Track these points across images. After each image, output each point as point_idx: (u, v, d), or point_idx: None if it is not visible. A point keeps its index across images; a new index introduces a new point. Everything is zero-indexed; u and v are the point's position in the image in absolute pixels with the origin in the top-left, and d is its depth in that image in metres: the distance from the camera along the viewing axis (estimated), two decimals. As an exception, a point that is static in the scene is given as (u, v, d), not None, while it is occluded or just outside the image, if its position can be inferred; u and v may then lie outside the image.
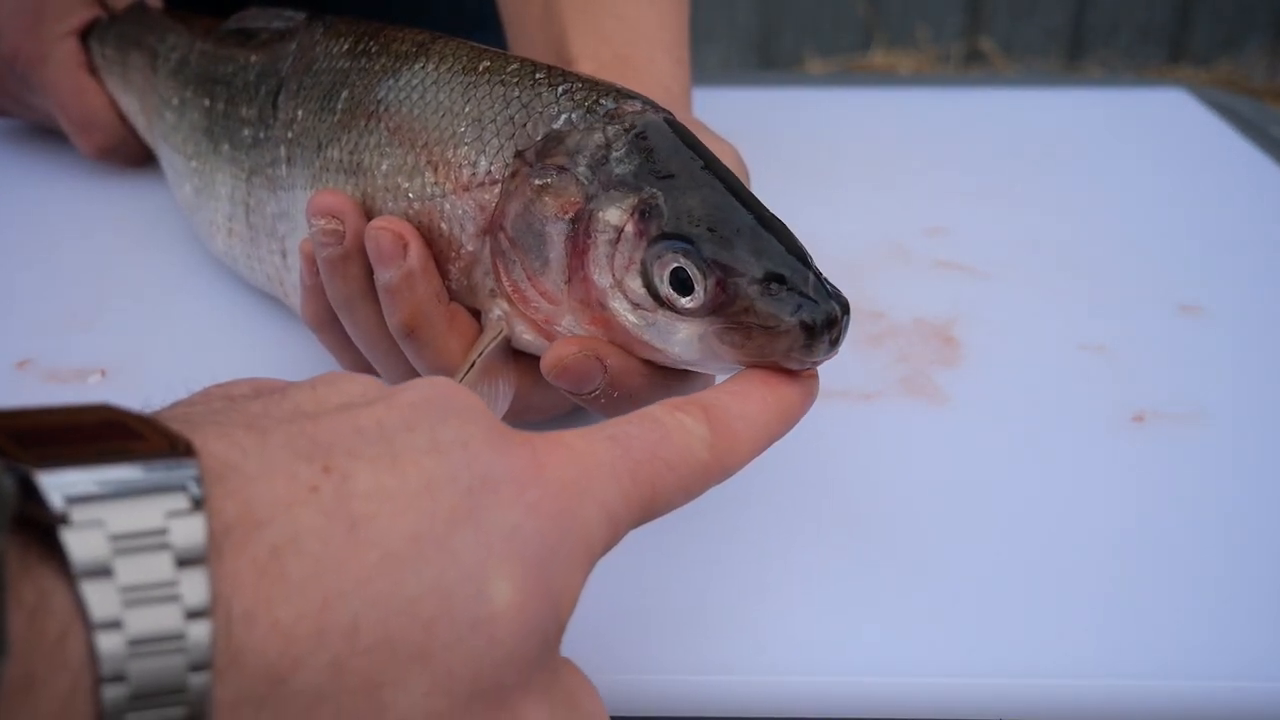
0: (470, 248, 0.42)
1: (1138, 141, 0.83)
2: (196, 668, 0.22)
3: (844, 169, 0.77)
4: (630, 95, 0.42)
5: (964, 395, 0.52)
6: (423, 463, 0.27)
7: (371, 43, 0.48)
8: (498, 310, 0.42)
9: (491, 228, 0.42)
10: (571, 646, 0.39)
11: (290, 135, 0.50)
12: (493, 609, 0.26)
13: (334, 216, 0.43)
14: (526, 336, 0.42)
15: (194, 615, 0.22)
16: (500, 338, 0.42)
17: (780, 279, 0.37)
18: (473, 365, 0.42)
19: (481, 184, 0.42)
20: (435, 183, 0.43)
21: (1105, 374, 0.54)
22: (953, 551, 0.43)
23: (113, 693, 0.22)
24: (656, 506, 0.31)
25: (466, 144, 0.43)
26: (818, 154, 0.79)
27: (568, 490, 0.28)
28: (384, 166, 0.45)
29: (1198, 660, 0.38)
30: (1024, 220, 0.70)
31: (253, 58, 0.55)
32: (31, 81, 0.71)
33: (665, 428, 0.32)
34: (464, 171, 0.42)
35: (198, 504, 0.23)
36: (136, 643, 0.22)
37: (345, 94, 0.47)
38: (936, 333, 0.57)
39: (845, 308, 0.37)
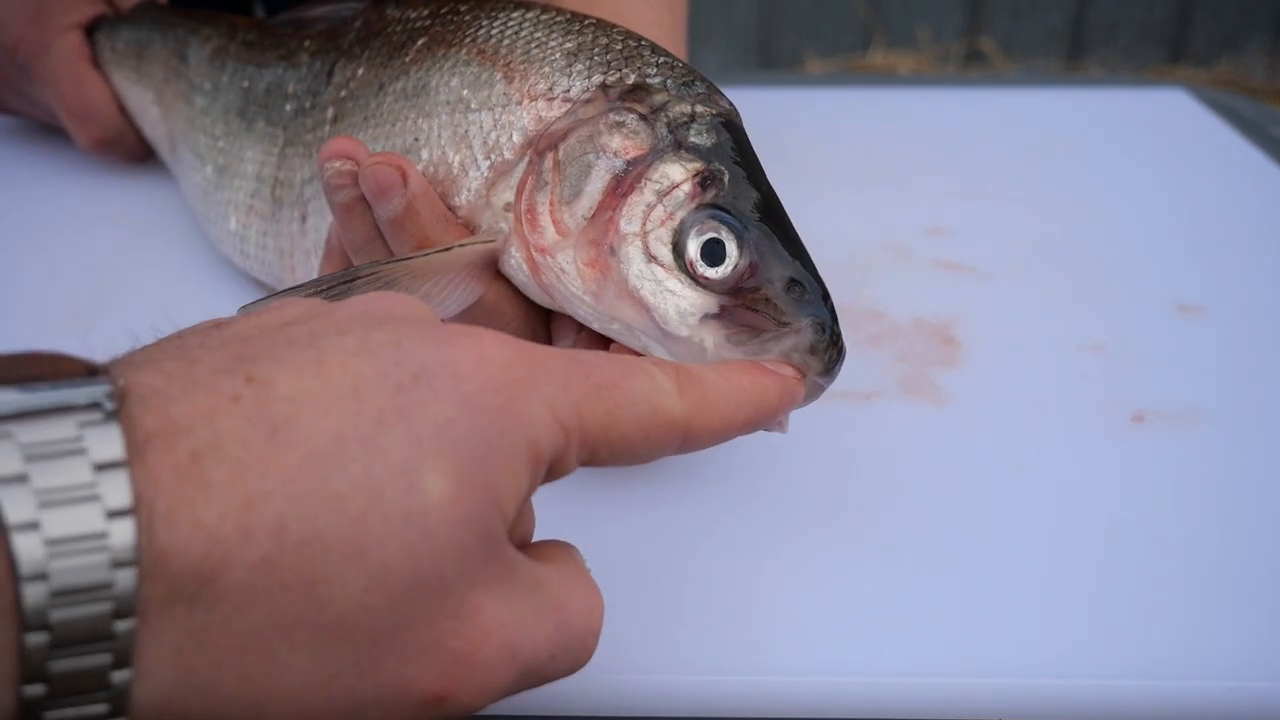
0: (509, 156, 0.43)
1: (1138, 141, 0.83)
2: (120, 564, 0.23)
3: (844, 169, 0.77)
4: (721, 92, 0.44)
5: (964, 395, 0.52)
6: (350, 364, 0.27)
7: (460, 4, 0.49)
8: (503, 224, 0.43)
9: (541, 145, 0.42)
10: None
11: (343, 95, 0.51)
12: (425, 502, 0.26)
13: (347, 158, 0.43)
14: (513, 260, 0.43)
15: (115, 515, 0.23)
16: (490, 245, 0.43)
17: (803, 287, 0.39)
18: (449, 250, 0.42)
19: (552, 99, 0.43)
20: (505, 92, 0.44)
21: (1105, 374, 0.54)
22: (952, 551, 0.43)
23: (33, 591, 0.22)
24: (613, 439, 0.30)
25: (552, 64, 0.44)
26: (818, 154, 0.79)
27: (511, 385, 0.28)
28: (453, 82, 0.46)
29: (1197, 660, 0.38)
30: (1024, 220, 0.70)
31: (306, 42, 0.56)
32: (33, 72, 0.71)
33: (631, 368, 0.31)
34: (540, 84, 0.43)
35: (110, 416, 0.24)
36: (55, 542, 0.22)
37: (423, 40, 0.48)
38: (936, 333, 0.57)
39: (843, 350, 0.39)
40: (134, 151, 0.72)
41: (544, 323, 0.45)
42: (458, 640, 0.27)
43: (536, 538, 0.33)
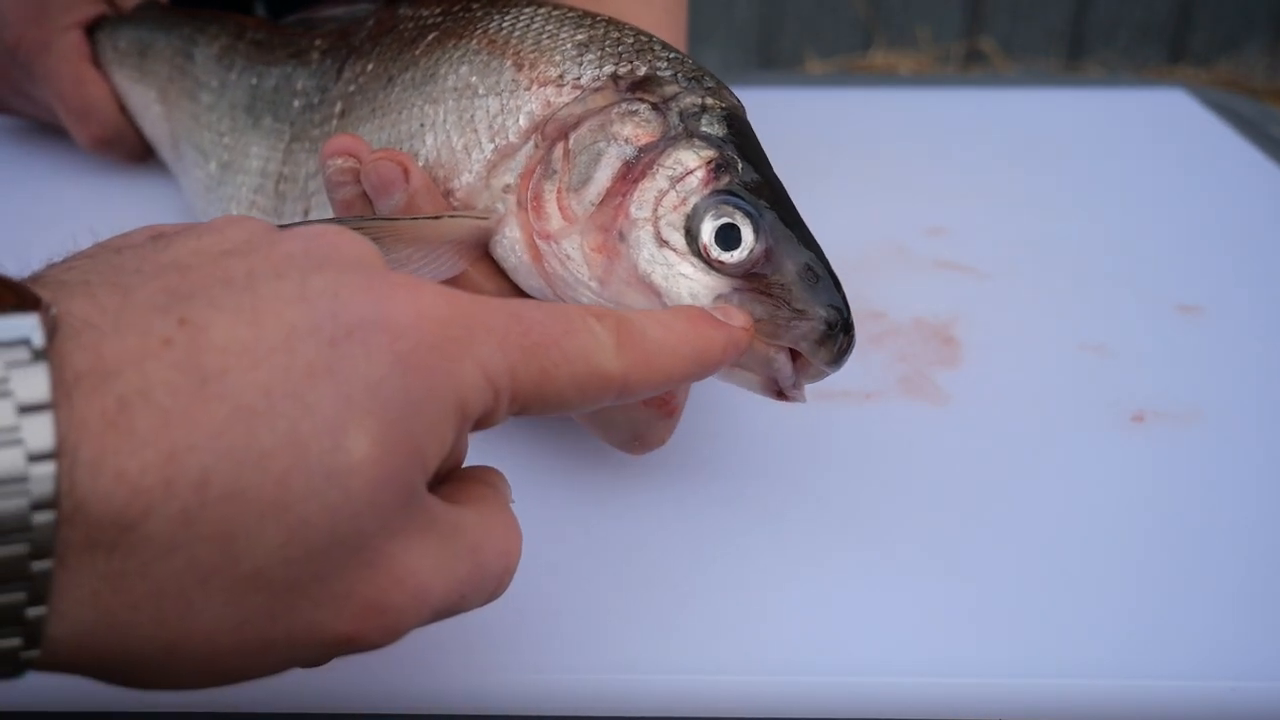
0: (513, 139, 0.43)
1: (1138, 141, 0.83)
2: (39, 507, 0.23)
3: (844, 169, 0.77)
4: (728, 88, 0.44)
5: (964, 395, 0.52)
6: (284, 313, 0.26)
7: (472, 2, 0.49)
8: (500, 206, 0.43)
9: (550, 133, 0.42)
10: (571, 643, 0.39)
11: (352, 90, 0.51)
12: (349, 461, 0.26)
13: (349, 155, 0.43)
14: (506, 241, 0.43)
15: (37, 458, 0.23)
16: (482, 223, 0.43)
17: (816, 274, 0.39)
18: (439, 219, 0.42)
19: (561, 85, 0.43)
20: (514, 78, 0.44)
21: (1105, 374, 0.54)
22: (951, 552, 0.43)
23: None
24: (546, 395, 0.30)
25: (563, 54, 0.44)
26: (818, 154, 0.79)
27: (445, 344, 0.28)
28: (462, 69, 0.46)
29: (1197, 660, 0.38)
30: (1024, 220, 0.70)
31: (317, 41, 0.57)
32: (33, 70, 0.72)
33: (572, 324, 0.31)
34: (551, 71, 0.44)
35: (39, 355, 0.24)
36: None
37: (433, 35, 0.48)
38: (936, 333, 0.57)
39: (853, 339, 0.39)
40: (134, 150, 0.72)
41: None
42: (370, 588, 0.27)
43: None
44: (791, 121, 0.85)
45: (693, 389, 0.45)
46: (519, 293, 0.44)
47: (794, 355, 0.39)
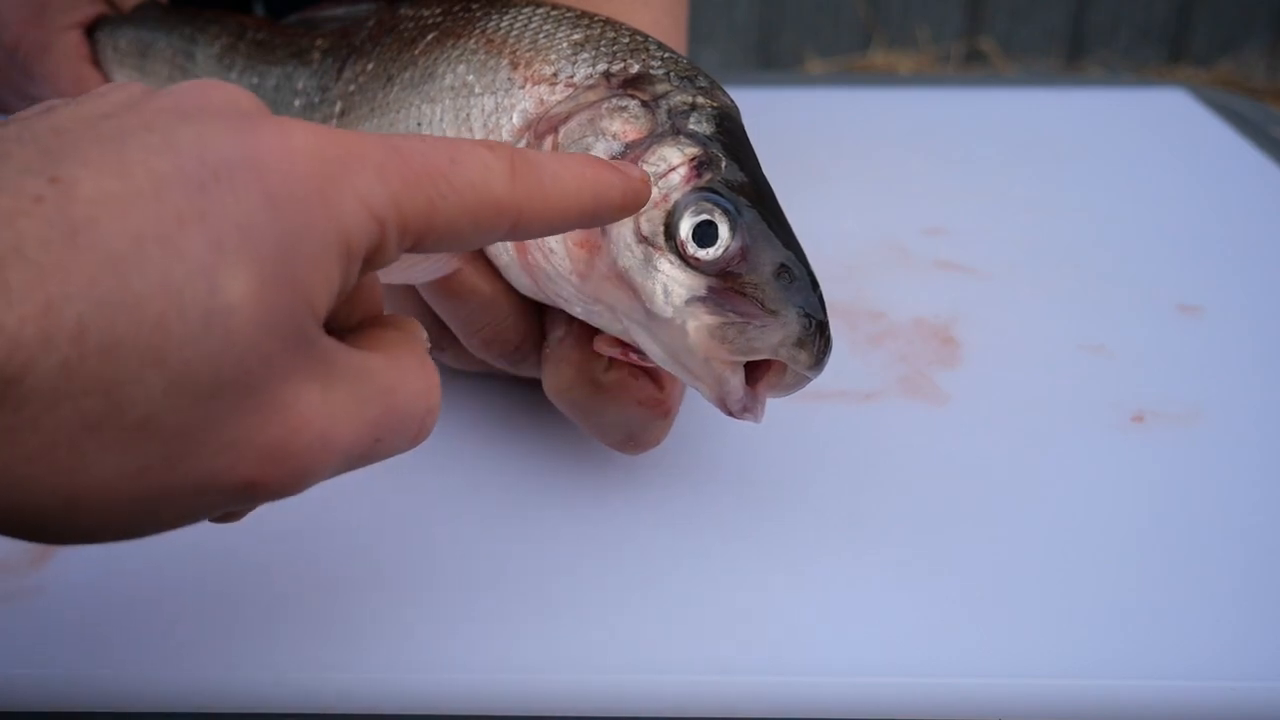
0: (506, 137, 0.44)
1: (1138, 141, 0.83)
2: None
3: (844, 169, 0.77)
4: (722, 88, 0.44)
5: (964, 395, 0.52)
6: (151, 163, 0.27)
7: (472, 2, 0.50)
8: None
9: (541, 128, 0.43)
10: (570, 643, 0.39)
11: (352, 89, 0.51)
12: (226, 302, 0.26)
13: None
14: None
15: None
16: None
17: (791, 273, 0.39)
18: None
19: (555, 83, 0.43)
20: (509, 77, 0.44)
21: (1105, 374, 0.54)
22: (952, 552, 0.43)
23: None
24: (437, 226, 0.30)
25: (558, 52, 0.44)
26: (818, 154, 0.79)
27: (318, 178, 0.28)
28: (460, 68, 0.46)
29: (1197, 660, 0.38)
30: (1024, 220, 0.70)
31: (318, 41, 0.57)
32: (33, 71, 0.72)
33: (460, 153, 0.31)
34: (545, 69, 0.44)
35: None
36: None
37: (433, 34, 0.49)
38: (936, 333, 0.57)
39: (830, 341, 0.39)
40: (132, 151, 0.73)
41: (539, 318, 0.45)
42: (267, 433, 0.27)
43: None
44: (791, 121, 0.85)
45: (689, 391, 0.45)
46: (515, 293, 0.44)
47: (761, 372, 0.39)
